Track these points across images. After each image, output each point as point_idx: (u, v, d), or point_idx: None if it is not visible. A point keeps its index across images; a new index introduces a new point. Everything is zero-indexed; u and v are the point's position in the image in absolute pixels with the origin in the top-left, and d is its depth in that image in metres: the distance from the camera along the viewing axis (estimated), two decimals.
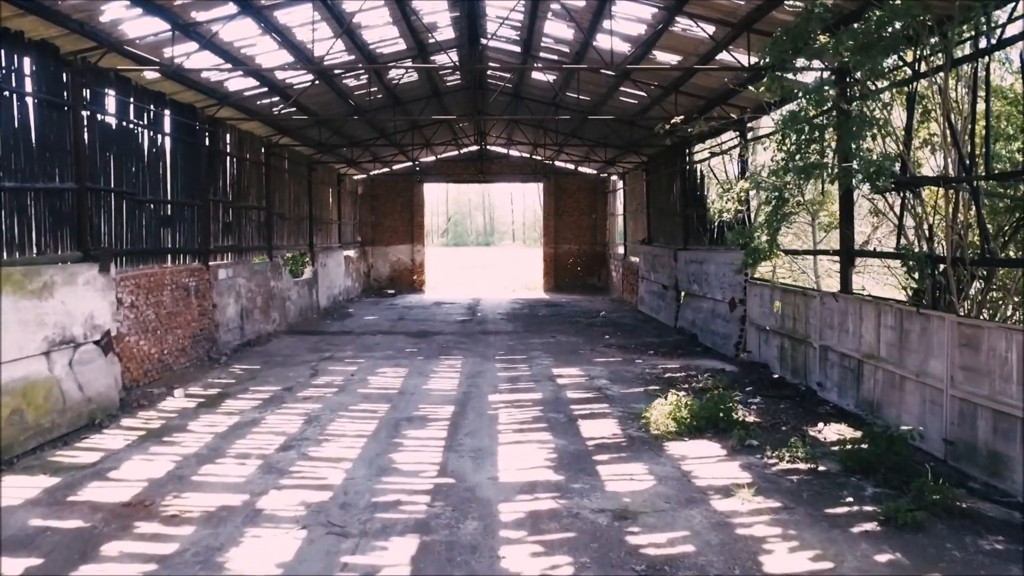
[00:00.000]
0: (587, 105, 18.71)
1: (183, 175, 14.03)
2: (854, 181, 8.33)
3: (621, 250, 28.75)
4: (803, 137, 8.64)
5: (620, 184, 28.80)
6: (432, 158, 31.11)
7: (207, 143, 15.00)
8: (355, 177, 30.46)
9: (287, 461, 8.23)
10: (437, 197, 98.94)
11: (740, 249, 14.01)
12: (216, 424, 9.82)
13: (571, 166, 31.48)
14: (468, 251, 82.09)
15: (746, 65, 11.43)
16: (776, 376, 12.63)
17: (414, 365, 14.10)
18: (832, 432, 9.41)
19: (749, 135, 15.14)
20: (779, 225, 10.02)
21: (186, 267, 13.98)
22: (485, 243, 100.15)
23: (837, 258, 11.24)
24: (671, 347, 16.18)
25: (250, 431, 9.48)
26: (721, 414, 9.43)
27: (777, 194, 9.36)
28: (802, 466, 7.98)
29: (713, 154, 17.09)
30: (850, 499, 7.01)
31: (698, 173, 18.38)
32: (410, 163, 30.87)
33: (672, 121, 13.44)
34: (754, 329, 14.06)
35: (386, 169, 31.08)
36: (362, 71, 15.46)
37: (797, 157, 8.63)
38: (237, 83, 14.52)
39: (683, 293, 18.91)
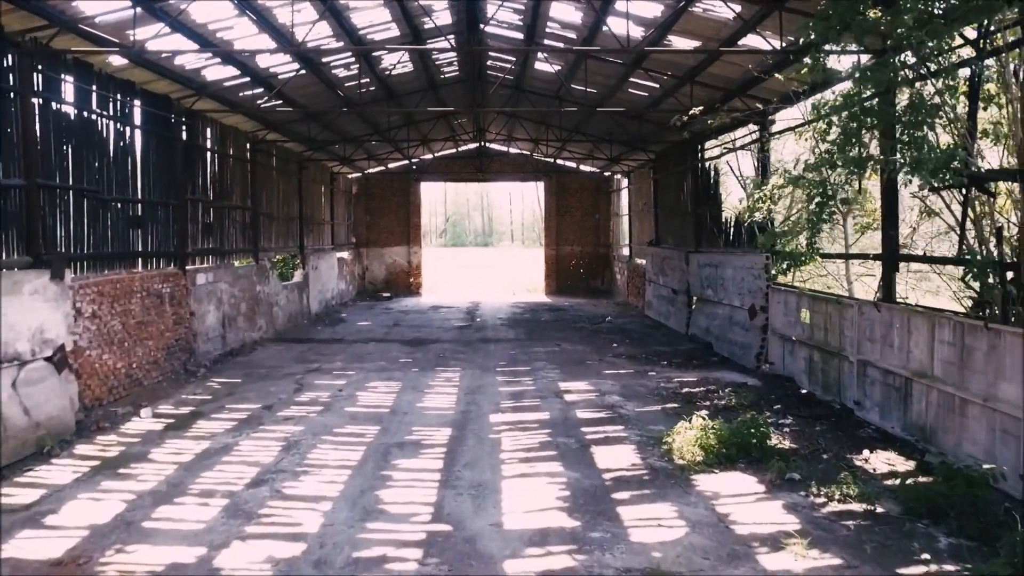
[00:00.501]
0: (594, 98, 17.58)
1: (157, 172, 12.88)
2: (913, 176, 7.18)
3: (626, 252, 27.63)
4: (852, 125, 7.49)
5: (625, 183, 27.68)
6: (429, 156, 29.98)
7: (184, 137, 13.86)
8: (349, 176, 29.33)
9: (257, 501, 7.08)
10: (435, 197, 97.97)
11: (765, 252, 12.93)
12: (182, 451, 8.67)
13: (573, 164, 30.38)
14: (467, 252, 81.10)
15: (777, 48, 10.31)
16: (805, 392, 11.50)
17: (408, 378, 12.96)
18: (881, 461, 8.28)
19: (772, 128, 14.02)
20: (821, 225, 8.89)
21: (159, 272, 12.83)
22: (484, 244, 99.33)
23: (871, 262, 10.15)
24: (685, 357, 15.06)
25: (219, 460, 8.34)
26: (754, 440, 8.31)
27: (820, 191, 8.22)
28: (856, 507, 6.85)
29: (729, 150, 15.99)
30: (924, 554, 5.87)
31: (711, 171, 17.27)
32: (406, 161, 29.75)
33: (690, 112, 12.30)
34: (777, 339, 12.94)
35: (381, 168, 29.96)
36: (350, 57, 14.32)
37: (847, 148, 7.48)
38: (216, 72, 13.38)
39: (695, 298, 17.79)
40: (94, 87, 10.87)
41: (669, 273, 19.94)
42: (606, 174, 30.11)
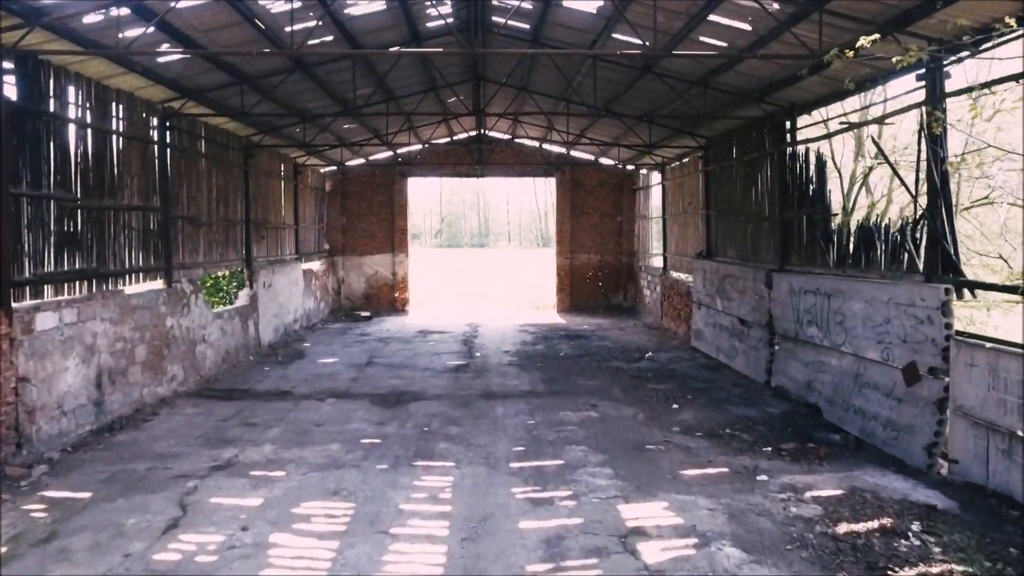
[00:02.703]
0: (639, 60, 12.54)
1: None
2: None
3: (657, 262, 22.62)
4: None
5: (655, 178, 22.66)
6: (418, 146, 24.93)
7: (16, 96, 8.80)
8: (322, 170, 24.25)
9: None
10: (429, 196, 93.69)
11: (943, 282, 7.94)
12: None
13: (590, 156, 25.37)
14: (463, 253, 76.49)
15: None
16: None
17: (368, 490, 7.90)
18: None
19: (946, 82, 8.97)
20: None
21: None
22: (480, 244, 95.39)
23: None
24: (789, 432, 10.08)
25: None
26: None
27: None
28: None
29: (851, 125, 10.98)
30: None
31: (809, 158, 12.27)
32: (390, 152, 24.68)
33: (828, 55, 7.22)
34: (967, 424, 7.95)
35: (361, 160, 24.88)
36: None
37: None
38: None
39: (779, 335, 12.80)
40: None
41: (734, 296, 14.93)
42: (628, 168, 25.11)
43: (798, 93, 12.15)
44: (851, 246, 10.79)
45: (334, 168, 24.73)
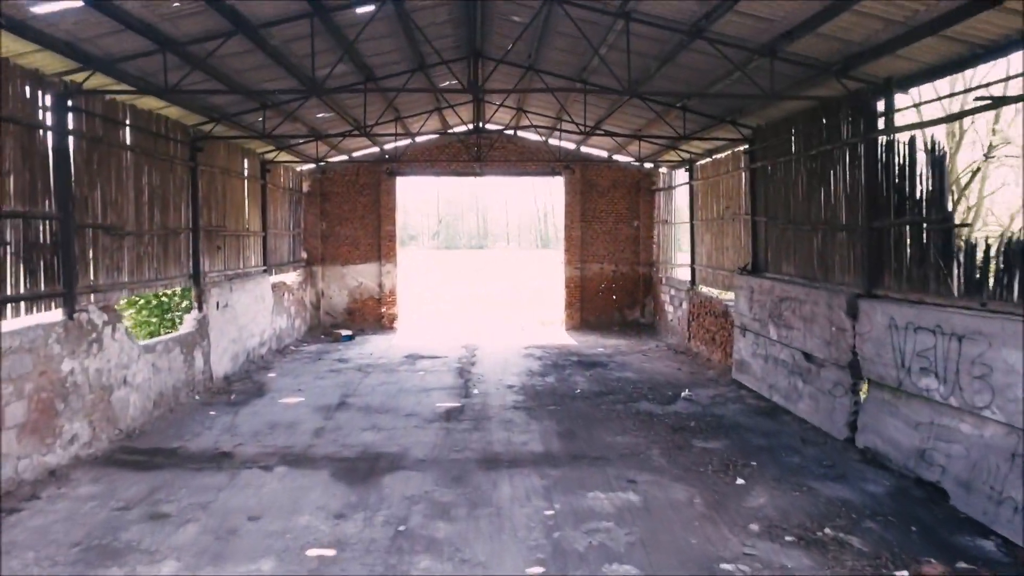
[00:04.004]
0: (688, 17, 9.57)
1: None
2: None
3: (683, 275, 19.66)
4: None
5: (681, 177, 19.68)
6: (408, 141, 21.94)
7: None
8: (299, 168, 21.26)
9: None
10: (427, 196, 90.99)
11: None
12: None
13: (603, 153, 22.38)
14: (460, 255, 73.77)
15: None
16: None
17: None
18: None
19: None
20: None
21: None
22: (478, 246, 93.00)
23: None
24: (909, 531, 7.10)
25: None
26: None
27: None
28: None
29: (997, 101, 8.02)
30: None
31: (919, 146, 9.27)
32: (376, 148, 21.68)
33: None
34: None
35: (342, 157, 21.86)
36: None
37: None
38: None
39: (870, 381, 9.82)
40: None
41: (795, 324, 11.93)
42: (647, 166, 22.14)
43: (898, 64, 9.17)
44: (993, 269, 7.80)
45: (312, 166, 21.73)
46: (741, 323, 14.31)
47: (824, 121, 11.33)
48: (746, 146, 14.51)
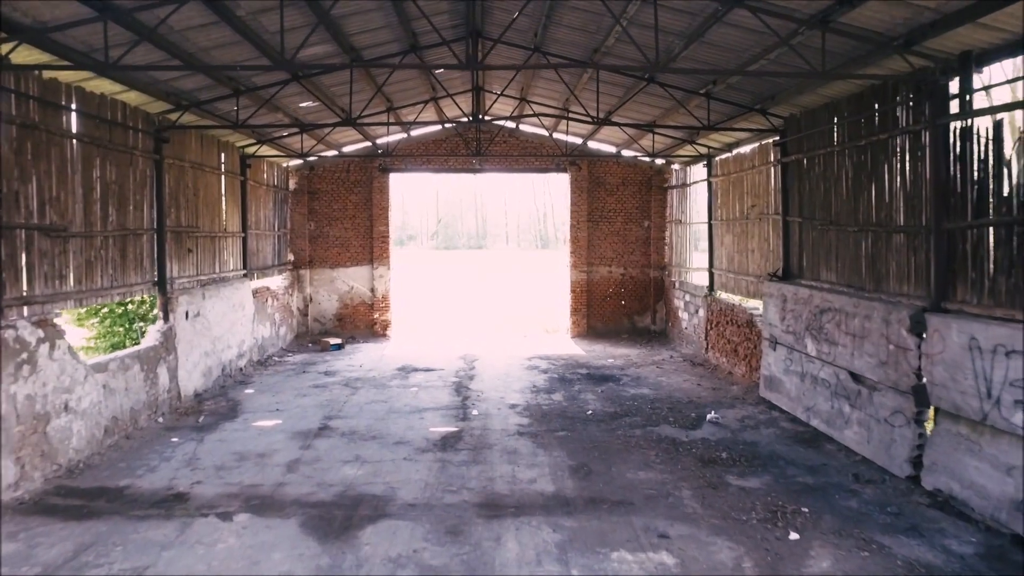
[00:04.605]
0: None
1: None
2: None
3: (699, 279, 18.17)
4: None
5: (698, 173, 18.19)
6: (402, 136, 20.48)
7: None
8: (286, 164, 19.78)
9: None
10: (425, 196, 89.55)
11: None
12: None
13: (612, 148, 20.89)
14: (459, 256, 72.47)
15: None
16: None
17: None
18: None
19: None
20: None
21: None
22: (477, 246, 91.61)
23: None
24: None
25: None
26: None
27: None
28: None
29: None
30: None
31: (1003, 134, 7.77)
32: (368, 143, 20.18)
33: None
34: None
35: (332, 153, 20.35)
36: None
37: None
38: None
39: (940, 412, 8.32)
40: None
41: (840, 339, 10.43)
42: (658, 162, 20.67)
43: (978, 35, 7.68)
44: None
45: (299, 162, 20.23)
46: (771, 335, 12.81)
47: (876, 106, 9.84)
48: (776, 138, 13.01)
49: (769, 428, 11.23)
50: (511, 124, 20.61)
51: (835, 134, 11.09)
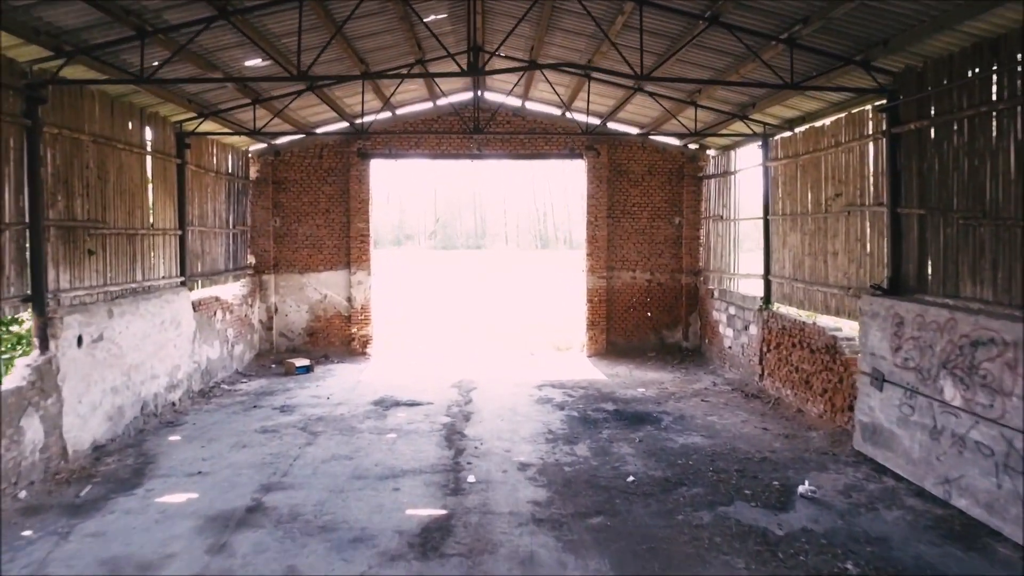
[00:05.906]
0: None
1: None
2: None
3: (748, 288, 14.79)
4: None
5: (749, 156, 14.80)
6: (388, 115, 17.11)
7: None
8: (246, 149, 16.39)
9: None
10: (424, 195, 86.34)
11: None
12: None
13: (635, 130, 17.47)
14: (458, 256, 69.39)
15: None
16: None
17: None
18: None
19: None
20: None
21: None
22: (476, 246, 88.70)
23: None
24: None
25: None
26: None
27: None
28: None
29: None
30: None
31: None
32: (345, 123, 16.74)
33: None
34: None
35: (299, 136, 16.87)
36: None
37: None
38: None
39: None
40: None
41: (1012, 387, 7.02)
42: (690, 146, 17.29)
43: None
44: None
45: (263, 146, 16.81)
46: (874, 368, 9.39)
47: None
48: (883, 100, 9.59)
49: (893, 510, 7.82)
50: (516, 101, 17.19)
51: (978, 92, 7.68)
